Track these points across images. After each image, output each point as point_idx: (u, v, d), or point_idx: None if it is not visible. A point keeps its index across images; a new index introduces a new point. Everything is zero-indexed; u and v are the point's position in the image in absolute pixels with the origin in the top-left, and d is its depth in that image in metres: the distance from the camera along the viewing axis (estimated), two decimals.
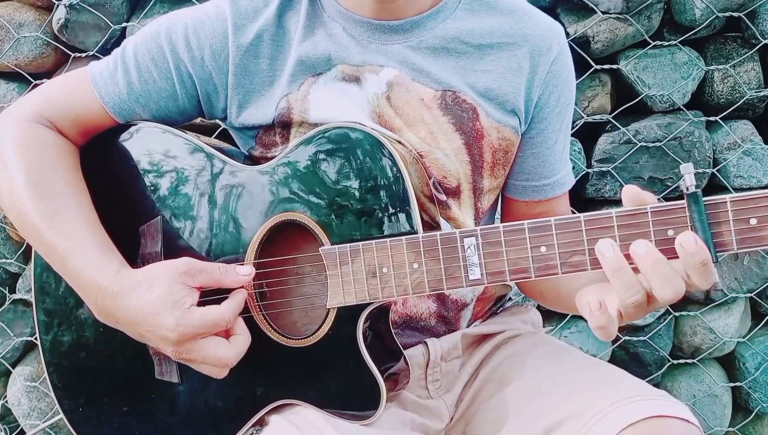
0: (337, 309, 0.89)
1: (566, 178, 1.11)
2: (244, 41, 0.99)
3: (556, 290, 1.03)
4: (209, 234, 0.96)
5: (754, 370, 1.83)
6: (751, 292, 1.77)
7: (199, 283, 0.87)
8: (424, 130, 0.99)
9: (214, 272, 0.88)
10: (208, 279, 0.88)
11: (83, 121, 1.01)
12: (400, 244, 0.85)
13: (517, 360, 1.03)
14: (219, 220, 0.96)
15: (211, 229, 0.96)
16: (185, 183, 0.98)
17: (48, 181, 0.93)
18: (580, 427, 0.84)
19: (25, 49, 1.75)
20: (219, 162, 0.97)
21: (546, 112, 1.04)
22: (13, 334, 1.86)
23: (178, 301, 0.84)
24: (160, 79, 1.01)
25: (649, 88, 1.69)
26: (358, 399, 0.90)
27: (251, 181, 0.95)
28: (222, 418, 0.96)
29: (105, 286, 0.88)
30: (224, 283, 0.89)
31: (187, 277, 0.86)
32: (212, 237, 0.96)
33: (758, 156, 1.74)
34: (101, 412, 1.01)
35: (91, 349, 1.01)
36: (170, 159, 0.99)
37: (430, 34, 1.00)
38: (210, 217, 0.96)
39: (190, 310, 0.84)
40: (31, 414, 1.87)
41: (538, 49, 1.01)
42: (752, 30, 1.69)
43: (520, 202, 1.10)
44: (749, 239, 0.74)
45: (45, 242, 0.91)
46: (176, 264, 0.87)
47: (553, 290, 1.05)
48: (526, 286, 1.16)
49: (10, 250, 1.83)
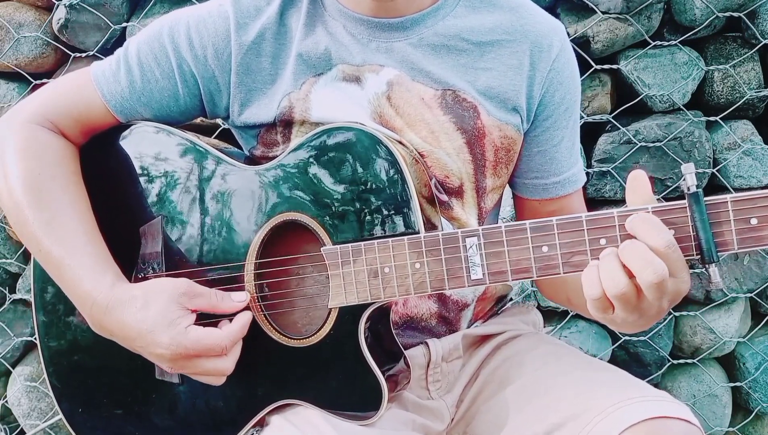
0: (338, 309, 0.89)
1: (577, 175, 1.10)
2: (246, 39, 0.99)
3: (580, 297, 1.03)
4: (210, 234, 0.96)
5: (754, 370, 1.83)
6: (751, 292, 1.77)
7: (195, 306, 0.88)
8: (425, 129, 0.99)
9: (211, 298, 0.90)
10: (205, 303, 0.89)
11: (85, 121, 1.02)
12: (402, 243, 0.85)
13: (518, 360, 1.03)
14: (220, 220, 0.96)
15: (212, 230, 0.96)
16: (186, 183, 0.98)
17: (47, 189, 0.94)
18: (581, 427, 0.84)
19: (25, 49, 1.75)
20: (220, 162, 0.97)
21: (550, 109, 1.04)
22: (13, 334, 1.86)
23: (174, 320, 0.85)
24: (163, 78, 1.01)
25: (649, 88, 1.69)
26: (359, 399, 0.90)
27: (252, 181, 0.95)
28: (222, 418, 0.96)
29: (99, 299, 0.88)
30: (220, 309, 0.90)
31: (186, 298, 0.87)
32: (213, 237, 0.96)
33: (758, 156, 1.75)
34: (101, 412, 1.01)
35: (91, 350, 1.01)
36: (171, 159, 0.99)
37: (431, 32, 1.00)
38: (211, 217, 0.96)
39: (186, 331, 0.85)
40: (31, 414, 1.86)
41: (539, 47, 1.01)
42: (752, 30, 1.69)
43: (532, 201, 1.10)
44: (750, 239, 0.75)
45: (42, 250, 0.92)
46: (176, 284, 0.88)
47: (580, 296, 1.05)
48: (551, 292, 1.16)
49: (10, 250, 1.83)
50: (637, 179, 0.79)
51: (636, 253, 0.75)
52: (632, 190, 0.79)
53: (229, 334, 0.87)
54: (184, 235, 0.97)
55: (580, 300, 1.00)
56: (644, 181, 0.79)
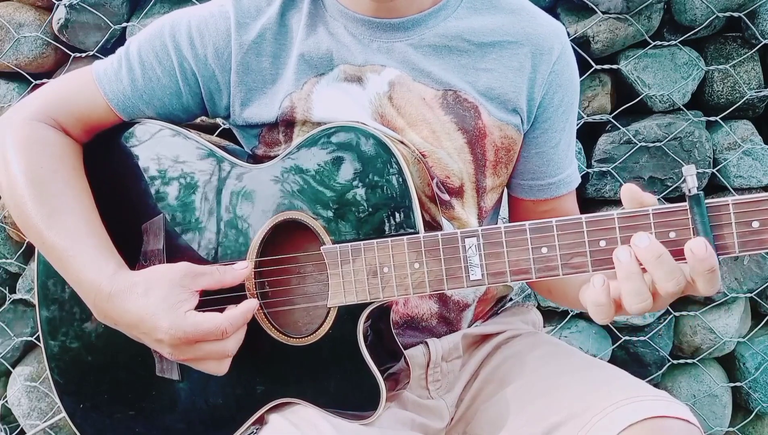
0: (337, 308, 0.89)
1: (572, 176, 1.11)
2: (246, 39, 0.99)
3: (563, 289, 1.03)
4: (211, 232, 0.96)
5: (754, 370, 1.83)
6: (751, 292, 1.77)
7: (199, 286, 0.87)
8: (426, 129, 0.99)
9: (213, 274, 0.89)
10: (210, 280, 0.88)
11: (88, 119, 1.02)
12: (402, 243, 0.85)
13: (518, 360, 1.03)
14: (221, 218, 0.96)
15: (213, 227, 0.96)
16: (187, 181, 0.98)
17: (49, 182, 0.94)
18: (581, 427, 0.84)
19: (25, 49, 1.75)
20: (221, 160, 0.97)
21: (549, 112, 1.04)
22: (13, 334, 1.86)
23: (174, 304, 0.84)
24: (164, 76, 1.01)
25: (649, 88, 1.69)
26: (358, 398, 0.90)
27: (253, 180, 0.95)
28: (222, 415, 0.96)
29: (102, 287, 0.88)
30: (225, 283, 0.89)
31: (188, 280, 0.87)
32: (214, 235, 0.96)
33: (758, 156, 1.75)
34: (102, 408, 1.01)
35: (93, 346, 1.01)
36: (172, 157, 1.00)
37: (432, 32, 1.00)
38: (212, 215, 0.96)
39: (186, 315, 0.84)
40: (31, 414, 1.86)
41: (540, 49, 1.01)
42: (752, 30, 1.69)
43: (526, 201, 1.10)
44: (751, 242, 0.74)
45: (45, 243, 0.92)
46: (176, 267, 0.88)
47: (560, 288, 1.05)
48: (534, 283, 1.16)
49: (10, 250, 1.83)
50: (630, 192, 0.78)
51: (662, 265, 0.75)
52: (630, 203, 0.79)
53: (229, 317, 0.85)
54: (186, 232, 0.97)
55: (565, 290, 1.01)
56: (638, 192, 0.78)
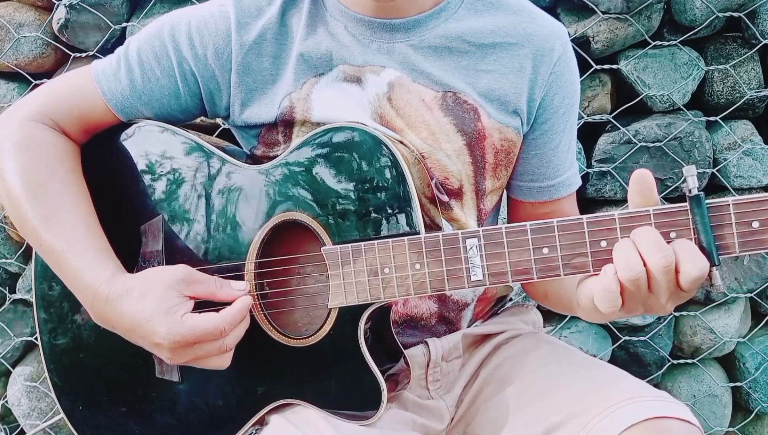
0: (338, 309, 0.89)
1: (572, 179, 1.10)
2: (247, 39, 0.99)
3: (557, 293, 1.03)
4: (211, 233, 0.96)
5: (754, 370, 1.83)
6: (751, 292, 1.77)
7: (193, 292, 0.88)
8: (425, 130, 0.99)
9: (210, 284, 0.89)
10: (204, 290, 0.89)
11: (86, 119, 1.02)
12: (402, 244, 0.85)
13: (518, 360, 1.03)
14: (220, 219, 0.96)
15: (212, 229, 0.96)
16: (187, 182, 0.98)
17: (47, 184, 0.94)
18: (581, 427, 0.84)
19: (25, 49, 1.75)
20: (221, 161, 0.97)
21: (549, 113, 1.04)
22: (13, 334, 1.86)
23: (171, 308, 0.84)
24: (163, 76, 1.01)
25: (649, 88, 1.69)
26: (359, 399, 0.90)
27: (253, 181, 0.95)
28: (222, 417, 0.96)
29: (99, 290, 0.88)
30: (218, 297, 0.89)
31: (183, 285, 0.87)
32: (214, 236, 0.96)
33: (758, 156, 1.75)
34: (101, 410, 1.01)
35: (92, 348, 1.01)
36: (172, 158, 0.99)
37: (432, 33, 1.00)
38: (211, 216, 0.96)
39: (182, 319, 0.84)
40: (31, 414, 1.86)
41: (541, 50, 1.01)
42: (752, 30, 1.69)
43: (525, 203, 1.10)
44: (751, 242, 0.74)
45: (43, 245, 0.92)
46: (173, 271, 0.88)
47: (556, 291, 1.05)
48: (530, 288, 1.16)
49: (10, 250, 1.83)
50: (643, 181, 0.77)
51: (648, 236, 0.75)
52: (637, 192, 0.78)
53: (226, 317, 0.85)
54: (185, 233, 0.97)
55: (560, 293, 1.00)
56: (650, 183, 0.77)
